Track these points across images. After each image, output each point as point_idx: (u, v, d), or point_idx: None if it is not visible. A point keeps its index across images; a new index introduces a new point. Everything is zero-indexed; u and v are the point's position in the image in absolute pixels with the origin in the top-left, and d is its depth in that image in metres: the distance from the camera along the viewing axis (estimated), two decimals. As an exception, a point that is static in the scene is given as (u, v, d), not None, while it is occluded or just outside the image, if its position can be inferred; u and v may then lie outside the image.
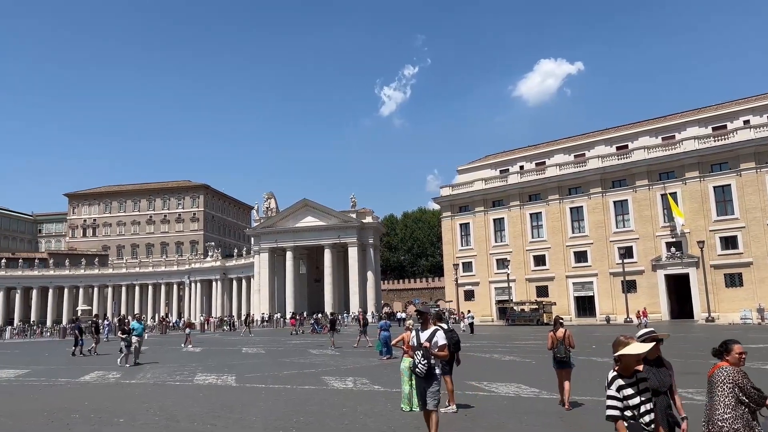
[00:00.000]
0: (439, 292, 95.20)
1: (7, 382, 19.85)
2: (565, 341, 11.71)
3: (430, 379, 8.22)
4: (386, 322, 27.59)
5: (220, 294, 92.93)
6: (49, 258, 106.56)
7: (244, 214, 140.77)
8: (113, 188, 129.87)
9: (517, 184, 67.85)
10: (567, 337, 11.73)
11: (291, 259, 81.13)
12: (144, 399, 14.78)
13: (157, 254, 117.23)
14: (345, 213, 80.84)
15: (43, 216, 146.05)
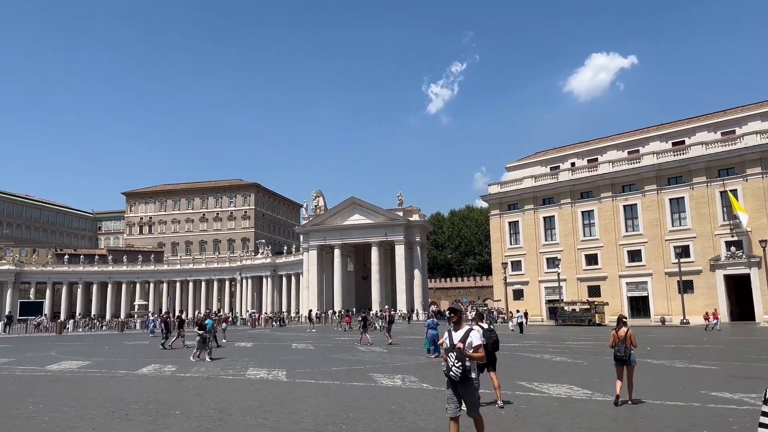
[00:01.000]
0: (487, 290, 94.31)
1: (70, 372, 20.78)
2: (627, 340, 12.06)
3: (466, 384, 7.60)
4: (434, 320, 27.48)
5: (270, 290, 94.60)
6: (108, 254, 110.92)
7: (293, 212, 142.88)
8: (168, 187, 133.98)
9: (568, 182, 66.46)
10: (628, 337, 12.08)
11: (339, 256, 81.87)
12: (198, 392, 15.20)
13: (209, 251, 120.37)
14: (392, 211, 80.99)
15: (102, 214, 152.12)
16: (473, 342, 7.68)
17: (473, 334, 7.75)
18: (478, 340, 7.75)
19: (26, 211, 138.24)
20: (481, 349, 7.72)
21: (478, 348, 7.72)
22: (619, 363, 12.25)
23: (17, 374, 20.48)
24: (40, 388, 16.63)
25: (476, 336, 7.77)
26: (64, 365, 23.26)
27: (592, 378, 16.92)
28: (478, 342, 7.74)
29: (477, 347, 7.70)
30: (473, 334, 7.74)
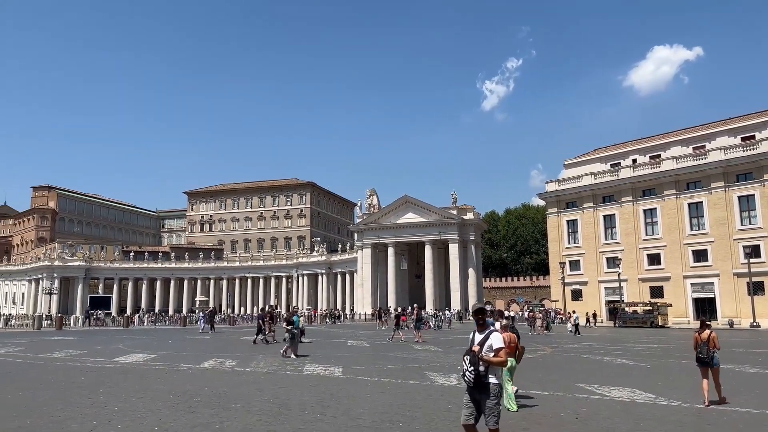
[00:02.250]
0: (544, 290, 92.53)
1: (137, 365, 21.66)
2: (709, 343, 12.32)
3: (482, 391, 6.86)
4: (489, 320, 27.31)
5: (326, 287, 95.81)
6: (171, 251, 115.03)
7: (347, 211, 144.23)
8: (227, 186, 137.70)
9: (629, 179, 64.41)
10: (711, 339, 12.36)
11: (392, 254, 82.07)
12: (258, 386, 15.56)
13: (267, 249, 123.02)
14: (446, 209, 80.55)
15: (165, 213, 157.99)
16: (493, 345, 6.96)
17: (494, 336, 7.07)
18: (499, 343, 7.00)
19: (95, 210, 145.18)
20: (502, 353, 6.95)
21: (499, 351, 6.92)
22: (702, 365, 12.44)
23: (89, 366, 21.50)
24: (110, 379, 17.40)
25: (497, 338, 7.06)
26: (131, 358, 24.26)
27: (656, 381, 16.37)
28: (499, 345, 6.97)
29: (498, 350, 6.93)
30: (494, 337, 7.07)
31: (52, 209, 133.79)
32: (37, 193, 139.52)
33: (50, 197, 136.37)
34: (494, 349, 6.92)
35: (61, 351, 27.74)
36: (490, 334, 7.08)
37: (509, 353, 12.71)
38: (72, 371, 19.64)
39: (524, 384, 15.72)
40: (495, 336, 7.07)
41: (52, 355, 25.55)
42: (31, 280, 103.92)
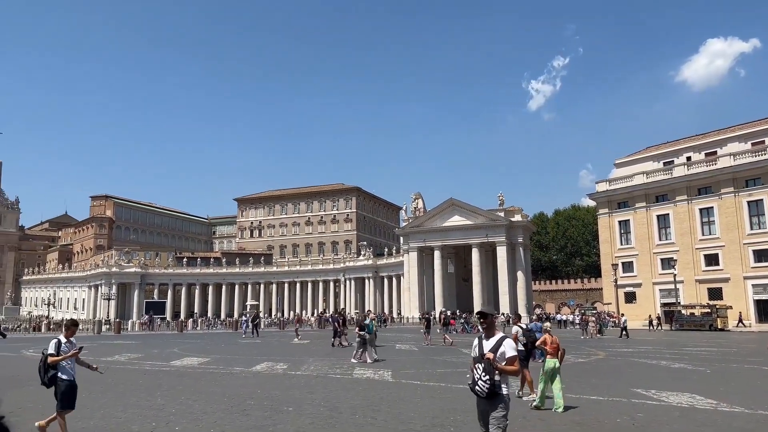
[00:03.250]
0: (595, 293, 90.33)
1: (192, 368, 22.24)
2: None
3: (493, 401, 6.40)
4: (537, 324, 26.93)
5: (372, 291, 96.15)
6: (222, 257, 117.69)
7: (393, 214, 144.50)
8: (276, 192, 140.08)
9: (683, 177, 62.29)
10: None
11: (439, 258, 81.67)
12: (309, 389, 15.75)
13: (315, 253, 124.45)
14: (492, 211, 79.65)
15: (216, 219, 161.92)
16: (506, 352, 6.46)
17: (507, 343, 6.57)
18: (512, 351, 6.50)
19: (150, 218, 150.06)
20: (516, 362, 6.53)
21: (513, 360, 6.47)
22: None
23: (146, 369, 22.21)
24: (166, 382, 17.94)
25: (510, 345, 6.55)
26: (186, 361, 24.93)
27: (717, 387, 15.77)
28: (512, 353, 6.48)
29: (511, 359, 6.45)
30: (507, 343, 6.56)
31: (110, 218, 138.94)
32: (95, 203, 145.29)
33: (107, 206, 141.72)
34: (507, 358, 6.44)
35: (120, 354, 28.76)
36: (503, 341, 6.58)
37: (552, 354, 12.97)
38: (131, 374, 20.34)
39: (578, 389, 15.41)
40: (508, 343, 6.57)
41: (111, 359, 26.50)
42: (91, 286, 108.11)
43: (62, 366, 9.29)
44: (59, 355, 9.26)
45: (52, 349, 9.29)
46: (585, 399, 13.78)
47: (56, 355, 9.26)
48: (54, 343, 9.38)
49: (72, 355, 9.39)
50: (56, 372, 9.25)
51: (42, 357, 9.40)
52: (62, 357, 9.26)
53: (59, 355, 9.27)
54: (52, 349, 9.29)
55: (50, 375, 9.23)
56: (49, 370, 9.24)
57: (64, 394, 9.35)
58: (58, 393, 9.35)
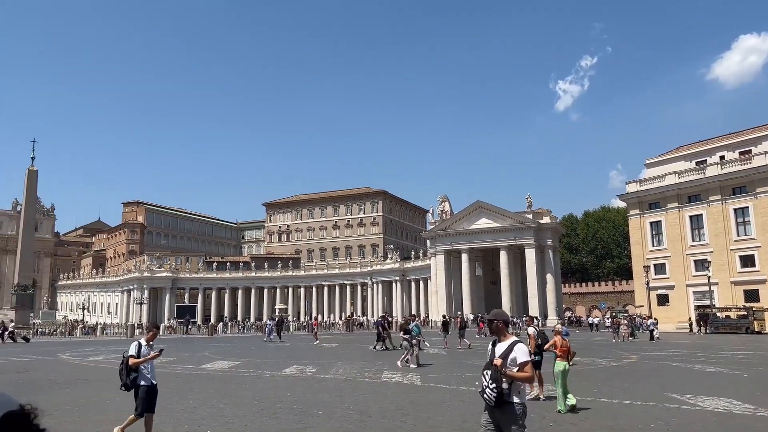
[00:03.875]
0: (627, 296, 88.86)
1: (222, 372, 22.53)
2: None
3: (504, 409, 5.95)
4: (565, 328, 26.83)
5: (400, 294, 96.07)
6: (251, 261, 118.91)
7: (419, 218, 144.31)
8: (303, 197, 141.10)
9: (717, 177, 60.86)
10: None
11: (466, 261, 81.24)
12: (338, 393, 15.82)
13: (342, 257, 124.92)
14: (520, 214, 78.97)
15: (245, 224, 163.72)
16: (518, 358, 6.05)
17: (518, 348, 6.14)
18: (525, 356, 6.07)
19: (180, 223, 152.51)
20: (528, 368, 6.05)
21: (525, 366, 6.01)
22: None
23: (178, 372, 22.56)
24: (198, 385, 18.20)
25: (522, 350, 6.13)
26: (216, 365, 25.25)
27: (755, 392, 15.37)
28: (524, 358, 6.05)
29: (523, 364, 6.00)
30: (518, 348, 6.13)
31: (141, 223, 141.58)
32: (127, 209, 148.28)
33: (139, 212, 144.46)
34: (518, 363, 6.03)
35: (152, 358, 29.23)
36: (514, 346, 6.18)
37: (562, 357, 12.99)
38: (163, 377, 20.59)
39: (609, 393, 15.18)
40: (519, 348, 6.16)
41: (144, 362, 26.94)
42: (123, 291, 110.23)
43: (140, 370, 9.36)
44: (140, 358, 9.32)
45: (132, 351, 9.35)
46: (617, 403, 13.56)
47: (137, 357, 9.31)
48: (135, 346, 9.44)
49: (152, 358, 9.52)
50: (137, 375, 9.32)
51: (122, 359, 9.46)
52: (143, 359, 9.34)
53: (140, 357, 9.33)
54: (132, 351, 9.35)
55: (132, 378, 9.30)
56: (130, 372, 9.31)
57: (142, 399, 9.43)
58: (137, 397, 9.44)
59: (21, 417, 1.82)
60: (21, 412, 1.85)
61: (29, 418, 1.83)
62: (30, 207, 75.61)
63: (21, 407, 1.87)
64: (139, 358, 9.31)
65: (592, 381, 18.21)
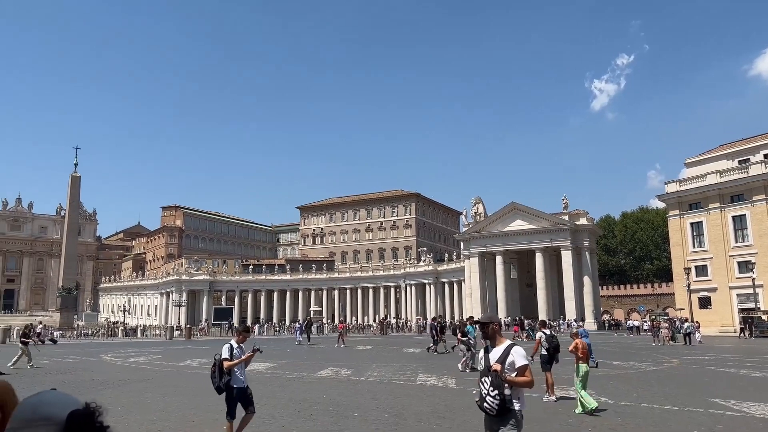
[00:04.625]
0: (667, 298, 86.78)
1: (259, 373, 22.78)
2: None
3: (504, 418, 5.61)
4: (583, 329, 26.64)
5: (433, 297, 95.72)
6: (286, 264, 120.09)
7: (453, 220, 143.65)
8: (337, 200, 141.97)
9: (761, 176, 58.94)
10: None
11: (501, 263, 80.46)
12: (373, 395, 15.86)
13: (375, 259, 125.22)
14: (556, 215, 77.86)
15: (280, 227, 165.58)
16: (516, 361, 5.67)
17: (515, 351, 5.76)
18: (523, 359, 5.69)
19: (217, 227, 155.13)
20: (528, 372, 5.71)
21: (524, 370, 5.67)
22: None
23: (216, 373, 22.90)
24: (236, 386, 18.44)
25: (519, 354, 5.74)
26: (253, 366, 25.52)
27: (805, 399, 14.81)
28: (523, 362, 5.68)
29: (522, 368, 5.66)
30: (515, 351, 5.76)
31: (179, 227, 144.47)
32: (166, 213, 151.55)
33: (177, 216, 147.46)
34: (517, 368, 5.65)
35: (191, 359, 29.82)
36: (510, 349, 5.80)
37: (582, 359, 13.37)
38: (201, 379, 21.01)
39: (650, 398, 14.85)
40: (516, 351, 5.77)
41: (183, 364, 27.53)
42: (163, 293, 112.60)
43: (233, 372, 9.14)
44: (232, 360, 9.10)
45: (225, 354, 9.12)
46: (659, 409, 13.26)
47: (230, 359, 9.08)
48: (227, 348, 9.22)
49: (246, 359, 9.31)
50: (230, 378, 9.10)
51: (215, 362, 9.21)
52: (236, 362, 9.12)
53: (232, 359, 9.11)
54: (225, 354, 9.12)
55: (225, 380, 9.08)
56: (223, 375, 9.08)
57: (234, 401, 9.27)
58: (229, 400, 9.26)
59: (86, 415, 1.94)
60: (86, 410, 1.96)
61: (94, 416, 1.95)
62: (73, 212, 77.93)
63: (86, 405, 1.98)
64: (233, 360, 9.09)
65: (632, 385, 17.85)
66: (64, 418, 1.90)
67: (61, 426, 1.89)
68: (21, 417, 1.96)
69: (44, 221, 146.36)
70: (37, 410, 1.95)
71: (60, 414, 1.91)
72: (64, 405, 1.96)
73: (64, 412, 1.93)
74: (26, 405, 1.99)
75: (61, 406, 1.95)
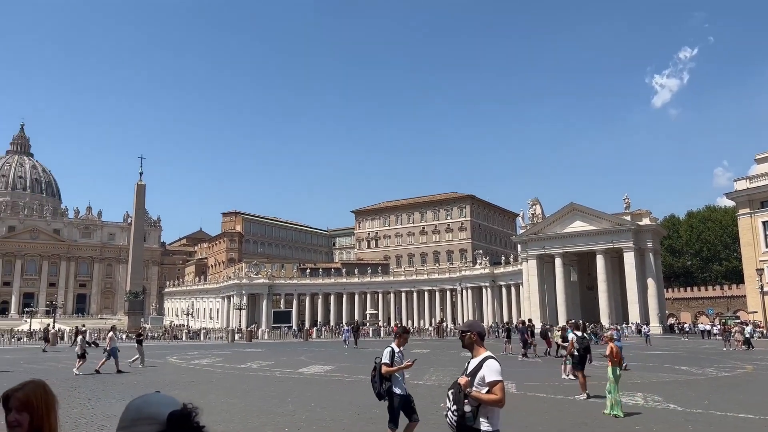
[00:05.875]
0: (738, 301, 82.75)
1: (319, 376, 23.10)
2: None
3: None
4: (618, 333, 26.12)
5: (490, 300, 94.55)
6: (341, 267, 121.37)
7: (509, 222, 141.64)
8: (391, 203, 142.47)
9: (840, 170, 55.55)
10: None
11: (560, 265, 78.67)
12: (432, 399, 15.77)
13: (430, 262, 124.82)
14: (617, 215, 75.54)
15: (335, 231, 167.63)
16: (486, 376, 5.14)
17: (488, 364, 5.22)
18: (495, 375, 5.12)
19: (275, 232, 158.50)
20: (497, 389, 5.06)
21: (494, 386, 5.08)
22: None
23: (277, 376, 23.38)
24: (296, 389, 18.77)
25: (492, 368, 5.18)
26: (312, 369, 25.94)
27: None
28: (494, 377, 5.11)
29: (492, 384, 5.09)
30: (488, 365, 5.21)
31: (239, 232, 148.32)
32: (226, 219, 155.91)
33: (237, 221, 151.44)
34: (488, 383, 5.11)
35: (252, 362, 30.50)
36: (484, 362, 5.25)
37: (615, 363, 13.67)
38: (263, 381, 21.51)
39: (723, 405, 14.18)
40: (489, 365, 5.22)
41: (245, 366, 28.18)
42: (224, 297, 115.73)
43: (395, 377, 8.78)
44: (393, 365, 8.73)
45: (386, 359, 8.81)
46: (732, 417, 12.65)
47: (390, 365, 8.72)
48: (388, 352, 8.88)
49: (405, 367, 8.94)
50: (391, 383, 8.74)
51: (375, 366, 8.91)
52: (396, 368, 8.74)
53: (393, 365, 8.74)
54: (386, 359, 8.81)
55: (386, 387, 8.74)
56: (384, 380, 8.77)
57: (397, 409, 8.89)
58: (391, 407, 8.89)
59: (185, 415, 2.14)
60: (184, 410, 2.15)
61: (191, 416, 2.15)
62: (139, 219, 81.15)
63: (183, 405, 2.22)
64: (393, 365, 8.69)
65: (702, 392, 17.11)
66: (165, 417, 2.13)
67: (163, 425, 2.13)
68: (128, 416, 2.22)
69: (112, 228, 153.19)
70: (141, 410, 2.20)
71: (162, 414, 2.15)
72: (165, 405, 2.19)
73: (166, 411, 2.12)
74: (133, 405, 2.25)
75: (163, 406, 2.19)
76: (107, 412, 14.06)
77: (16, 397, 2.68)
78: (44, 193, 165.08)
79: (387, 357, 8.71)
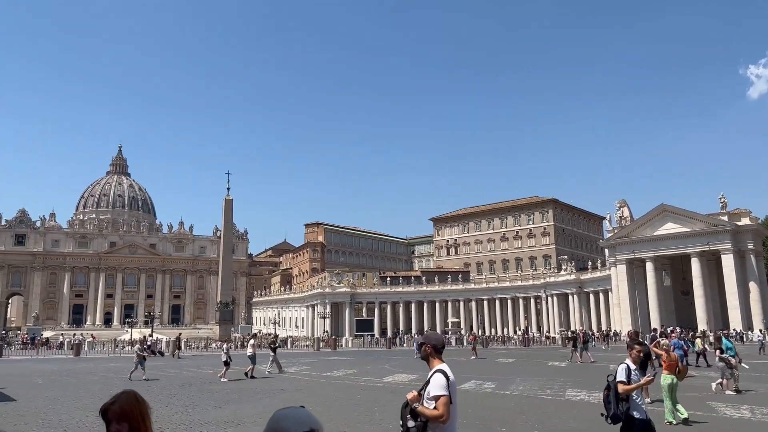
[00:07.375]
0: None
1: (403, 385, 23.14)
2: None
3: None
4: (678, 341, 24.56)
5: (577, 307, 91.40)
6: (421, 275, 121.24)
7: (594, 226, 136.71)
8: (469, 210, 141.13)
9: None
10: None
11: (651, 270, 74.91)
12: (520, 410, 15.47)
13: (512, 269, 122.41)
14: (713, 216, 71.12)
15: (414, 239, 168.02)
16: (431, 391, 4.98)
17: (434, 379, 5.05)
18: (438, 389, 4.94)
19: (355, 241, 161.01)
20: (440, 404, 4.87)
21: (437, 400, 4.89)
22: None
23: (362, 384, 23.67)
24: (381, 397, 18.93)
25: (436, 383, 5.00)
26: (397, 377, 26.06)
27: None
28: (437, 392, 4.93)
29: (435, 398, 4.91)
30: (433, 380, 5.04)
31: (321, 243, 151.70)
32: (308, 230, 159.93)
33: (319, 232, 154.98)
34: (431, 397, 4.94)
35: (337, 370, 31.07)
36: (433, 375, 5.11)
37: (670, 371, 13.60)
38: (349, 389, 21.83)
39: None
40: (436, 379, 5.04)
41: (331, 374, 28.73)
42: (308, 306, 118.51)
43: (631, 399, 7.71)
44: (630, 384, 7.73)
45: (622, 376, 7.78)
46: None
47: (626, 383, 7.71)
48: (623, 369, 7.89)
49: (645, 384, 8.06)
50: (629, 405, 7.66)
51: (609, 384, 7.83)
52: (634, 386, 7.74)
53: (630, 384, 7.73)
54: (622, 376, 7.78)
55: (624, 408, 7.64)
56: (620, 401, 7.67)
57: None
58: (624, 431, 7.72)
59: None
60: None
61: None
62: (227, 232, 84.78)
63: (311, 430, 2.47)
64: (630, 384, 7.70)
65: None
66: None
67: None
68: (268, 426, 2.47)
69: (203, 242, 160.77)
70: (279, 424, 2.44)
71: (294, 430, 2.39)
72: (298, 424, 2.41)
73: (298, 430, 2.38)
74: (275, 417, 2.50)
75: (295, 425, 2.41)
76: (204, 418, 14.74)
77: (113, 410, 3.01)
78: (141, 210, 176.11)
79: (623, 374, 7.78)
